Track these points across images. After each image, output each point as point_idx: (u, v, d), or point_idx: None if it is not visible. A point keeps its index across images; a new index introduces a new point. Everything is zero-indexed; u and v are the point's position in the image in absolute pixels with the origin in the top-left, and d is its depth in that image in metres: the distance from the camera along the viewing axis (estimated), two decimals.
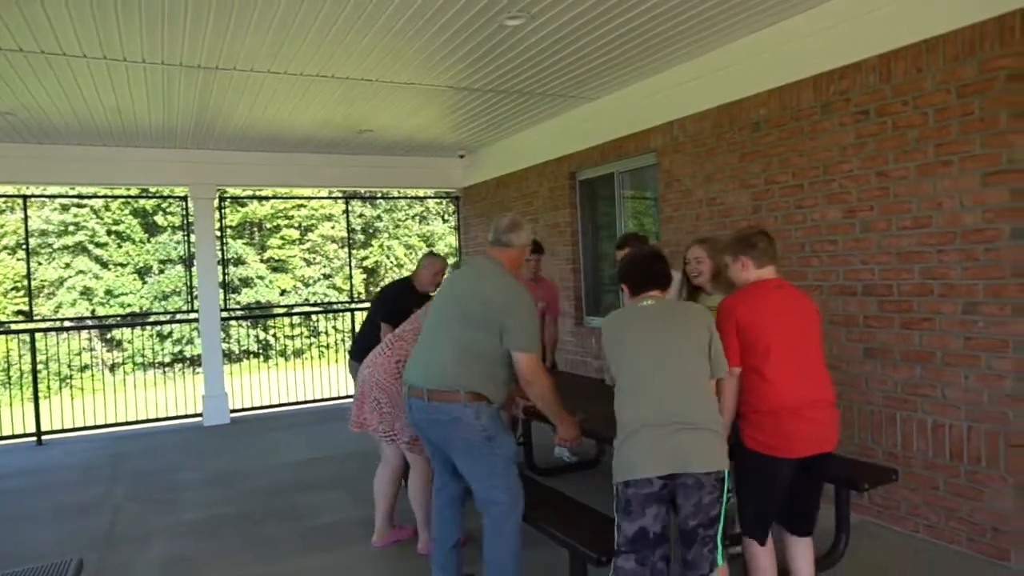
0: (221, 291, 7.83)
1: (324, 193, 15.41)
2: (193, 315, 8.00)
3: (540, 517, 3.04)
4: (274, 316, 19.17)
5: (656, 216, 5.75)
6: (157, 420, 7.83)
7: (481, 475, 2.96)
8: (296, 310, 19.49)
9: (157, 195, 14.41)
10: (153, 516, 4.66)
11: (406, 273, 5.02)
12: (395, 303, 4.69)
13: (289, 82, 5.11)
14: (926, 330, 3.66)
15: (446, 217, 25.38)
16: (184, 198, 7.91)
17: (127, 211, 21.63)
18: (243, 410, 8.06)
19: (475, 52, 4.66)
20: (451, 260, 10.19)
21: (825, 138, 4.13)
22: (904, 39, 3.65)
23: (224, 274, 8.15)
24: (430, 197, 14.36)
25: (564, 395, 3.09)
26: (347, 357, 5.51)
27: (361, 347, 4.65)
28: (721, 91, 4.83)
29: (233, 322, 15.56)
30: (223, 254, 8.06)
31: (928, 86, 3.57)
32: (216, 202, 7.70)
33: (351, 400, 8.37)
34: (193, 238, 7.59)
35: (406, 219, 25.37)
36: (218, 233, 7.87)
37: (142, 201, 20.66)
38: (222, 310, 7.85)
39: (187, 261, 8.37)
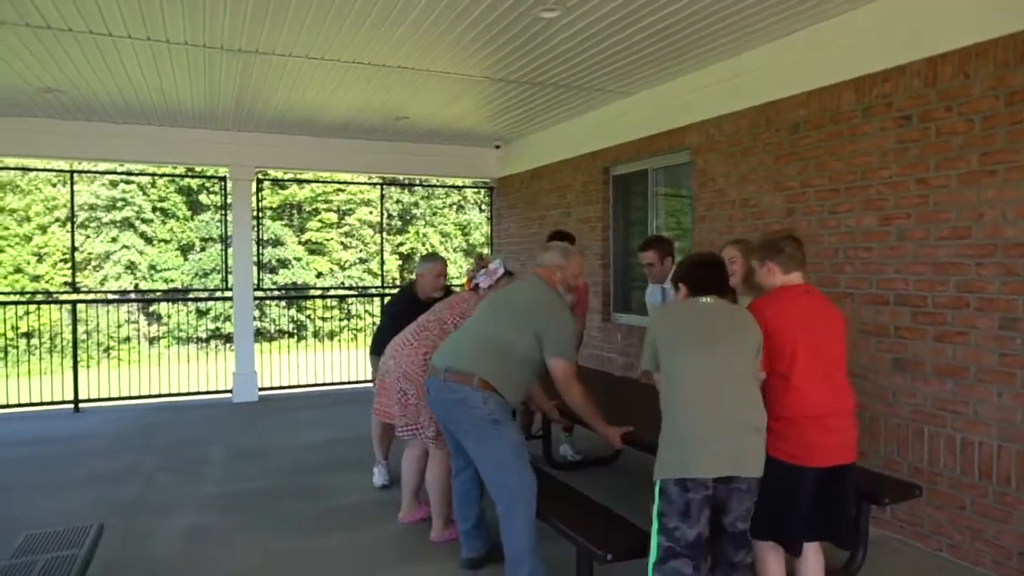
0: (255, 270, 7.97)
1: (362, 179, 15.60)
2: (229, 293, 8.18)
3: (551, 512, 3.04)
4: (307, 297, 19.47)
5: (689, 215, 5.68)
6: (190, 394, 8.03)
7: (489, 459, 3.01)
8: (329, 292, 19.73)
9: (201, 175, 14.75)
10: (180, 487, 4.79)
11: None
12: (395, 315, 4.42)
13: (326, 67, 5.16)
14: (960, 344, 3.55)
15: (482, 207, 25.44)
16: (224, 178, 8.08)
17: (172, 189, 22.17)
18: (272, 388, 8.23)
19: (510, 44, 4.65)
20: (484, 251, 10.15)
21: (865, 142, 4.02)
22: (952, 43, 3.53)
23: (259, 254, 8.29)
24: (465, 187, 14.41)
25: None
26: (368, 352, 5.42)
27: (380, 342, 4.49)
28: (758, 91, 4.74)
29: (269, 301, 15.89)
30: (259, 234, 8.19)
31: (976, 92, 3.44)
32: (254, 183, 7.83)
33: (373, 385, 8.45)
34: (230, 217, 7.75)
35: (443, 207, 25.50)
36: (255, 214, 8.00)
37: (186, 180, 21.17)
38: (255, 289, 8.00)
39: (224, 240, 8.55)
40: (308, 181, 22.16)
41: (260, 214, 8.37)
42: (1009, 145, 3.32)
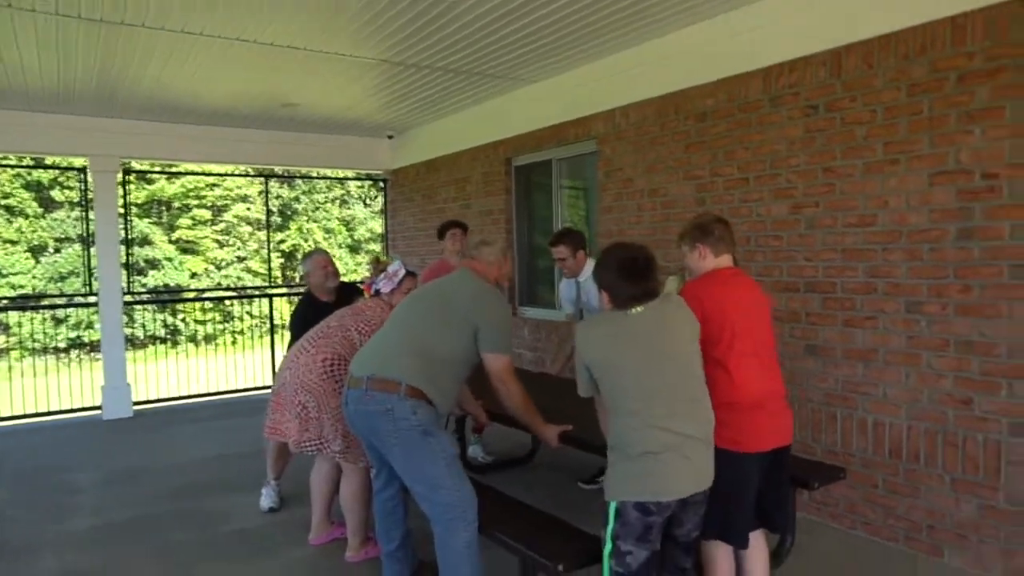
0: (124, 273, 7.19)
1: (239, 171, 14.61)
2: (92, 298, 7.34)
3: (488, 521, 2.81)
4: (186, 300, 18.09)
5: (595, 205, 5.61)
6: (51, 413, 7.12)
7: (420, 475, 2.72)
8: (211, 294, 18.46)
9: (53, 166, 13.27)
10: (41, 523, 4.16)
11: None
12: (301, 325, 4.01)
13: (205, 45, 4.64)
14: (869, 328, 3.65)
15: (367, 201, 24.72)
16: (83, 170, 7.21)
17: (18, 184, 19.92)
18: (148, 402, 7.46)
19: (411, 25, 4.36)
20: (375, 248, 9.73)
21: (773, 131, 4.06)
22: (856, 35, 3.60)
23: (128, 255, 7.49)
24: (353, 179, 13.84)
25: (484, 385, 2.96)
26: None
27: None
28: (667, 79, 4.71)
29: (137, 306, 14.57)
30: (127, 233, 7.40)
31: (879, 83, 3.53)
32: (120, 176, 7.05)
33: (268, 392, 7.90)
34: (92, 215, 6.93)
35: (325, 201, 24.52)
36: (122, 210, 7.21)
37: (36, 173, 19.09)
38: (125, 293, 7.22)
39: (86, 240, 7.67)
40: (180, 174, 20.58)
41: (128, 211, 7.53)
42: (910, 135, 3.42)
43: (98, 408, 7.04)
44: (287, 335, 4.49)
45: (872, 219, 3.60)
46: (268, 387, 7.91)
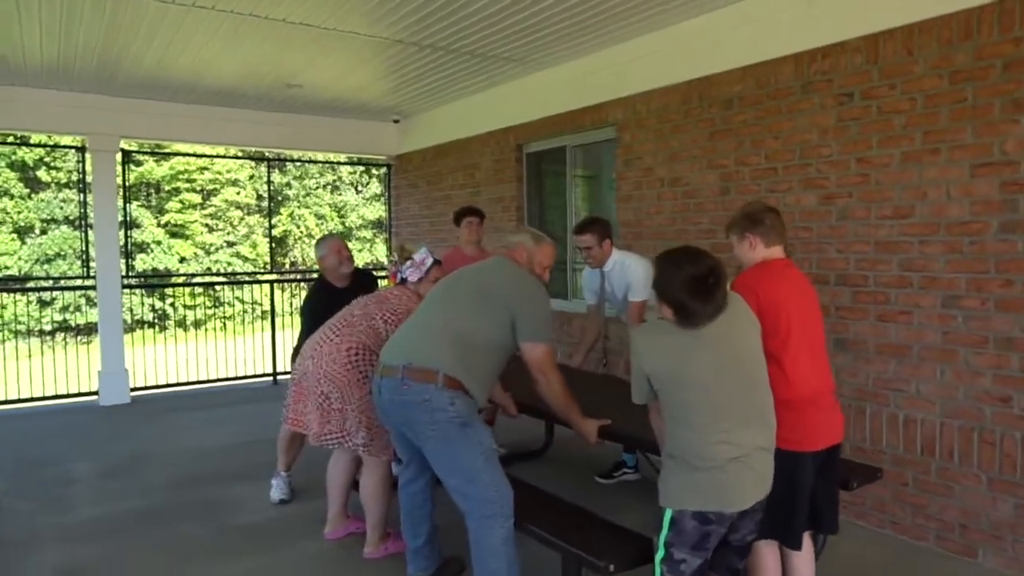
0: (124, 257, 7.00)
1: (233, 154, 14.33)
2: (89, 282, 7.14)
3: (527, 518, 2.71)
4: (188, 285, 17.79)
5: (611, 194, 5.50)
6: (45, 399, 6.95)
7: (456, 468, 2.61)
8: (206, 279, 18.16)
9: (41, 145, 12.95)
10: (40, 515, 4.02)
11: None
12: (317, 311, 3.86)
13: (215, 20, 4.47)
14: (903, 323, 3.56)
15: (359, 188, 24.47)
16: (81, 149, 6.99)
17: (3, 164, 19.52)
18: (145, 388, 7.29)
19: (430, 4, 4.22)
20: (367, 235, 9.52)
21: (803, 119, 3.96)
22: (896, 20, 3.50)
23: (127, 238, 7.30)
24: (356, 164, 13.65)
25: (512, 376, 2.85)
26: (288, 360, 4.82)
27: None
28: (691, 65, 4.59)
29: (128, 290, 14.32)
30: (126, 216, 7.20)
31: (919, 70, 3.43)
32: (119, 156, 6.84)
33: (268, 380, 7.73)
34: (90, 197, 6.73)
35: (316, 187, 24.24)
36: (120, 192, 7.00)
37: (21, 152, 18.69)
38: (124, 277, 7.04)
39: (78, 222, 7.45)
40: (170, 155, 20.25)
41: (126, 192, 7.33)
42: (952, 124, 3.33)
43: (94, 394, 6.87)
44: (287, 321, 4.35)
45: (909, 211, 3.51)
46: (270, 374, 7.78)
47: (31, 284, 17.19)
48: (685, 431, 2.18)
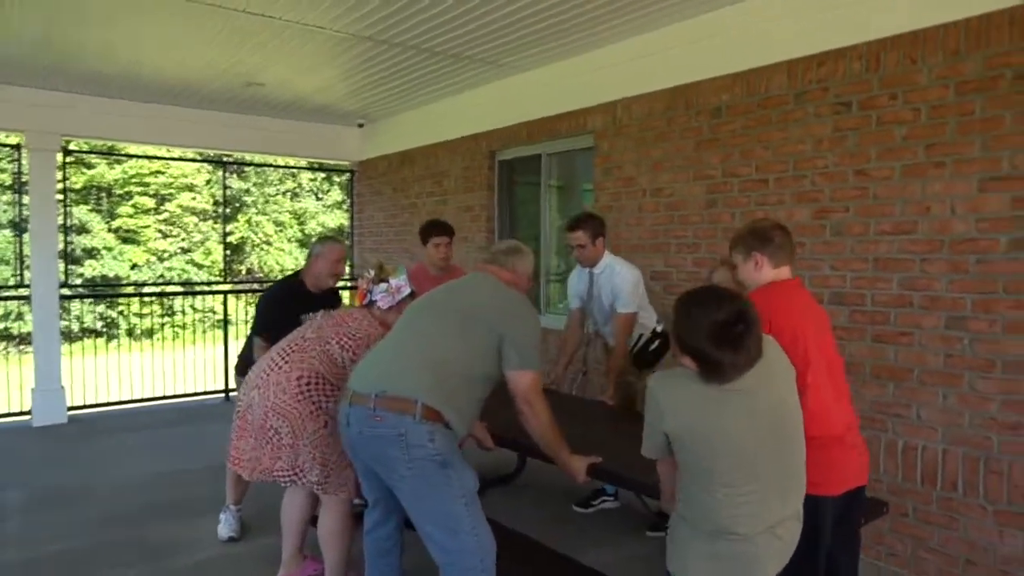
0: (62, 264, 6.49)
1: (189, 156, 13.71)
2: (24, 291, 6.61)
3: (500, 567, 2.41)
4: (128, 295, 16.99)
5: (589, 204, 5.25)
6: None
7: (435, 515, 2.30)
8: (157, 288, 17.42)
9: None
10: None
11: (275, 252, 3.73)
12: (277, 309, 3.57)
13: (169, 9, 4.10)
14: (903, 345, 3.38)
15: (320, 195, 23.94)
16: (17, 147, 6.48)
17: None
18: (83, 407, 6.75)
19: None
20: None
21: (797, 130, 3.77)
22: (899, 27, 3.33)
23: (67, 243, 6.80)
24: (318, 169, 13.23)
25: (488, 404, 2.57)
26: (233, 374, 4.37)
27: (247, 362, 3.58)
28: (676, 71, 4.38)
29: (71, 299, 13.58)
30: (67, 220, 6.71)
31: (923, 80, 3.26)
32: (60, 156, 6.36)
33: (220, 396, 7.26)
34: (27, 199, 6.22)
35: (276, 194, 23.62)
36: (60, 196, 6.51)
37: None
38: (62, 285, 6.53)
39: (17, 225, 6.92)
40: (124, 156, 19.45)
41: (67, 195, 6.84)
42: (959, 137, 3.16)
43: (27, 413, 6.32)
44: (241, 331, 3.93)
45: (911, 226, 3.33)
46: (222, 391, 7.32)
47: None
48: (705, 497, 1.88)
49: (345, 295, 4.11)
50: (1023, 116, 2.95)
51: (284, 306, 3.57)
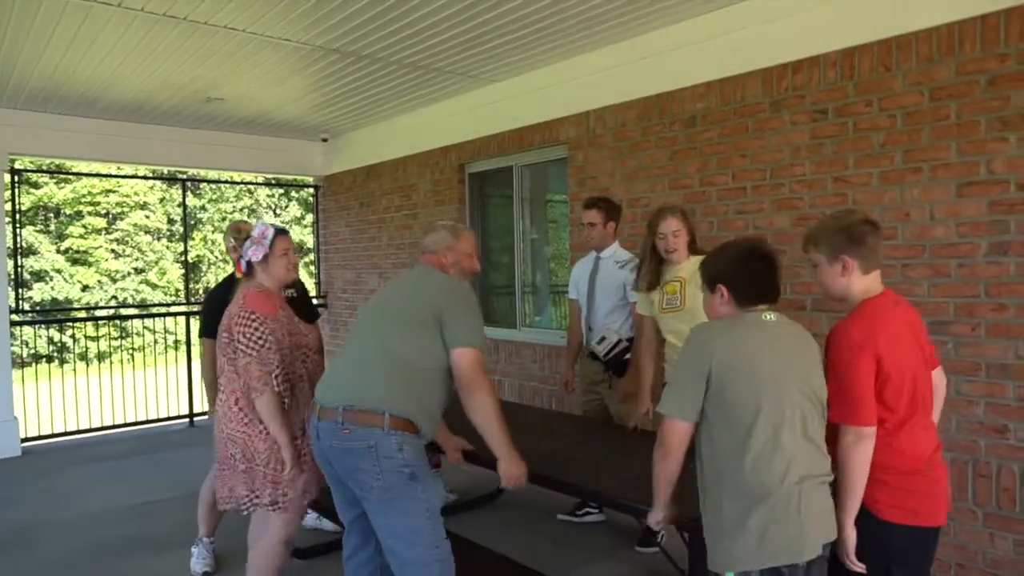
0: (11, 290, 6.19)
1: (144, 174, 13.34)
2: None
3: None
4: (82, 320, 16.38)
5: (564, 216, 5.20)
6: None
7: (399, 527, 2.27)
8: (111, 311, 16.86)
9: None
10: None
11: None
12: (219, 310, 3.02)
13: (123, 20, 3.93)
14: None
15: (278, 211, 23.58)
16: None
17: None
18: (38, 438, 6.42)
19: (370, 9, 3.84)
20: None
21: (774, 138, 3.77)
22: (873, 34, 3.35)
23: (17, 267, 6.49)
24: (277, 185, 12.96)
25: (453, 415, 2.50)
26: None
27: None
28: (651, 80, 4.37)
29: (17, 326, 13.02)
30: (16, 243, 6.41)
31: (898, 86, 3.29)
32: (8, 176, 6.08)
33: (185, 422, 6.99)
34: None
35: (233, 211, 23.17)
36: (9, 218, 6.21)
37: None
38: (13, 311, 6.22)
39: None
40: (72, 175, 18.82)
41: (16, 217, 6.55)
42: (935, 142, 3.19)
43: None
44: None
45: (891, 232, 3.34)
46: (186, 416, 7.07)
47: None
48: (741, 456, 1.83)
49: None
50: (998, 121, 2.99)
51: (224, 304, 3.01)
